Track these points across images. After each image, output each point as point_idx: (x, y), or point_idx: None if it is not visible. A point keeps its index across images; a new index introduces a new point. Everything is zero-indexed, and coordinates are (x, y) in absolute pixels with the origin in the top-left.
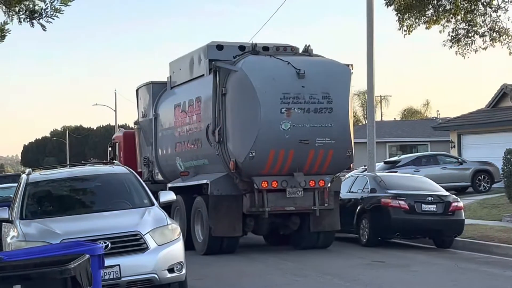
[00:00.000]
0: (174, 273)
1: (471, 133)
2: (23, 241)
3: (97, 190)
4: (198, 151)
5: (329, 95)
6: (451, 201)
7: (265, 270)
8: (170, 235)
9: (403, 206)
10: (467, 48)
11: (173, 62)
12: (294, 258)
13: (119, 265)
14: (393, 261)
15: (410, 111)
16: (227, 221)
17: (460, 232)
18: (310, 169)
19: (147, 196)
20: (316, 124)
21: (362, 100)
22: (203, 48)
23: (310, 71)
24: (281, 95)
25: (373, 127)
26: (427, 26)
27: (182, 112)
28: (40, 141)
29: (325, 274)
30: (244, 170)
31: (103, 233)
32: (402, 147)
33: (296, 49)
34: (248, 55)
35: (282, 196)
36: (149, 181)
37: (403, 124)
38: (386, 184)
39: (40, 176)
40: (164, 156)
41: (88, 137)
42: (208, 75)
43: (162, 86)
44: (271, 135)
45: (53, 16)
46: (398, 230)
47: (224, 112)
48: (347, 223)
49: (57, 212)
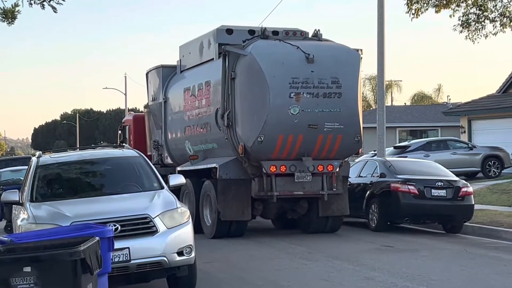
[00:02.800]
0: (183, 256)
1: (482, 118)
2: (33, 224)
3: (107, 173)
4: (207, 135)
5: (338, 80)
6: (461, 186)
7: (274, 254)
8: (179, 218)
9: (412, 191)
10: (477, 33)
11: (183, 46)
12: (303, 242)
13: (128, 247)
14: (402, 246)
15: (420, 96)
16: (235, 205)
17: (469, 217)
18: (318, 154)
19: (157, 179)
20: (325, 109)
21: (373, 85)
22: (212, 32)
23: (319, 56)
24: (290, 79)
25: (383, 112)
26: (436, 10)
27: (191, 96)
28: (50, 124)
29: (334, 259)
30: (253, 155)
31: (113, 216)
32: (412, 132)
33: (306, 33)
34: (258, 39)
35: (291, 181)
36: (159, 165)
37: (413, 109)
38: (396, 169)
39: (51, 159)
40: (173, 140)
41: (98, 120)
42: (217, 59)
43: (172, 69)
44: (280, 120)
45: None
46: (407, 215)
47: (233, 96)
48: (356, 208)
49: (67, 195)
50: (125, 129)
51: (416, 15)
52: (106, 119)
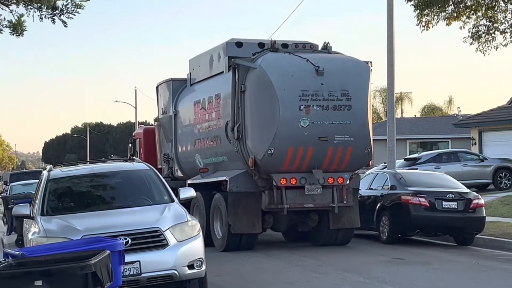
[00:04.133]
0: (194, 269)
1: (492, 130)
2: (44, 237)
3: (117, 186)
4: (217, 148)
5: (348, 92)
6: (472, 198)
7: (284, 267)
8: (190, 231)
9: (423, 203)
10: (487, 45)
11: (193, 59)
12: (313, 255)
13: (139, 261)
14: (413, 258)
15: (430, 108)
16: (246, 218)
17: (481, 229)
18: (328, 166)
19: (167, 192)
20: (335, 121)
21: (384, 97)
22: (222, 45)
23: (329, 68)
24: (299, 92)
25: (393, 124)
26: (447, 22)
27: (201, 109)
28: (61, 138)
29: (345, 271)
30: (263, 167)
31: (124, 229)
32: (423, 144)
33: (315, 46)
34: (267, 52)
35: (301, 193)
36: (169, 178)
37: (423, 121)
38: (406, 181)
39: (61, 172)
40: (183, 153)
41: (109, 134)
42: (227, 72)
43: (182, 83)
44: (290, 132)
45: (74, 12)
46: (418, 227)
47: (243, 109)
48: (367, 220)
49: (77, 208)
50: (136, 142)
51: (426, 28)
52: (116, 133)
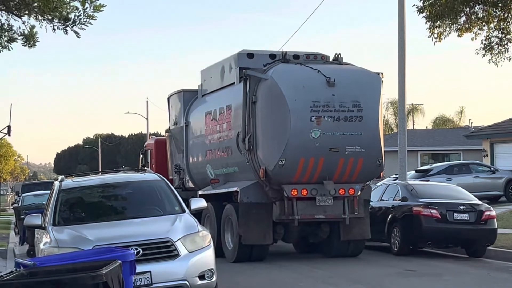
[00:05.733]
0: (204, 280)
1: (504, 142)
2: (55, 247)
3: (129, 197)
4: (228, 158)
5: (359, 103)
6: (484, 210)
7: (295, 278)
8: (200, 242)
9: (434, 214)
10: (500, 56)
11: (204, 70)
12: (325, 266)
13: (150, 271)
14: (425, 270)
15: (442, 120)
16: (257, 229)
17: (492, 241)
18: (340, 178)
19: (178, 203)
20: (346, 132)
21: (395, 109)
22: (234, 57)
23: (340, 79)
24: (311, 103)
25: (405, 136)
26: (459, 33)
27: (212, 120)
28: (72, 149)
29: (356, 283)
30: (274, 178)
31: (135, 239)
32: (434, 156)
33: (327, 57)
34: (278, 63)
35: (312, 204)
36: (180, 188)
37: (435, 133)
38: (418, 192)
39: (73, 183)
40: (194, 164)
41: (120, 145)
42: (238, 83)
43: (193, 94)
44: (301, 143)
45: (86, 23)
46: (429, 239)
47: (254, 120)
48: (378, 232)
49: (89, 219)
50: (147, 153)
51: (438, 39)
52: (128, 144)
